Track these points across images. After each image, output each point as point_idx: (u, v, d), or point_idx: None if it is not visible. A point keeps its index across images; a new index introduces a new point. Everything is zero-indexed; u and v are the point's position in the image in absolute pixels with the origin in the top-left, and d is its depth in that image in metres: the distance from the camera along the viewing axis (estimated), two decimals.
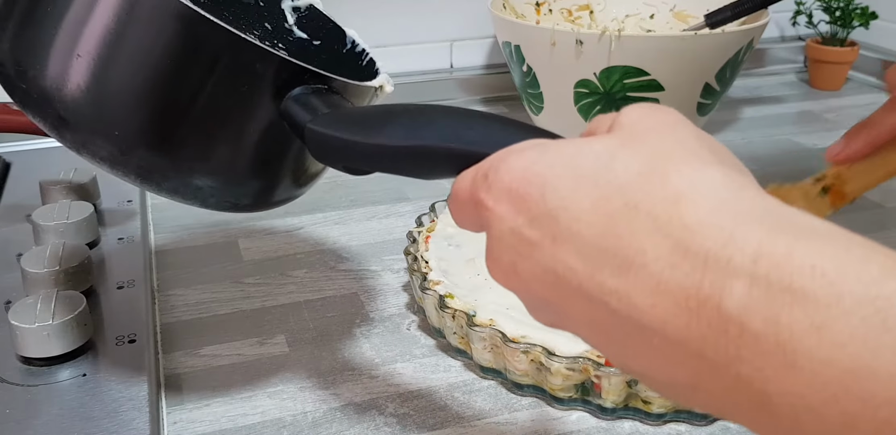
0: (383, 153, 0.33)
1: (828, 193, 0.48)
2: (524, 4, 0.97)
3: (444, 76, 1.03)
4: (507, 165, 0.27)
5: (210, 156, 0.37)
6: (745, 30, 0.81)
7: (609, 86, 0.81)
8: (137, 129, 0.36)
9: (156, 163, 0.37)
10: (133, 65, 0.35)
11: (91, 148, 0.37)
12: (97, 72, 0.35)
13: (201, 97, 0.35)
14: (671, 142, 0.26)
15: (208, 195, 0.39)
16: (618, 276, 0.24)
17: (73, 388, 0.47)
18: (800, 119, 0.99)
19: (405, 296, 0.61)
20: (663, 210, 0.23)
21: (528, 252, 0.26)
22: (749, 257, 0.21)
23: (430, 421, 0.48)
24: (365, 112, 0.37)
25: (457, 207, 0.30)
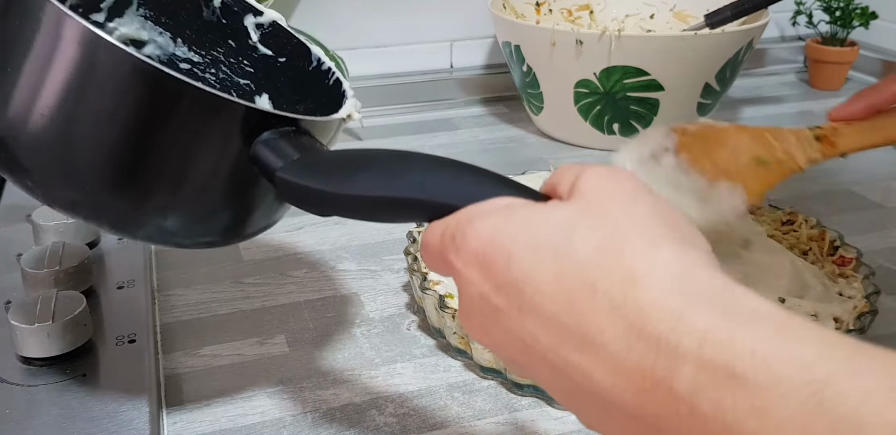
0: (354, 203, 0.34)
1: (820, 141, 0.51)
2: (524, 4, 0.97)
3: (444, 76, 1.03)
4: (473, 230, 0.29)
5: (183, 204, 0.38)
6: (745, 30, 0.81)
7: (609, 86, 0.81)
8: (107, 184, 0.36)
9: (128, 214, 0.37)
10: (95, 121, 0.35)
11: (63, 202, 0.37)
12: (60, 129, 0.35)
13: (168, 148, 0.36)
14: (628, 214, 0.27)
15: (183, 237, 0.39)
16: (580, 351, 0.25)
17: (73, 388, 0.47)
18: (800, 119, 0.99)
19: (405, 296, 0.61)
20: (619, 291, 0.25)
21: (497, 318, 0.28)
22: (696, 342, 0.23)
23: (430, 421, 0.48)
24: (336, 159, 0.36)
25: (428, 258, 0.32)
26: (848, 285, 0.55)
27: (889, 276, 0.62)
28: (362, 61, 0.99)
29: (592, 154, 0.87)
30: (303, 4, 0.95)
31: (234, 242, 0.42)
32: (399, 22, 1.00)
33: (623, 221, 0.27)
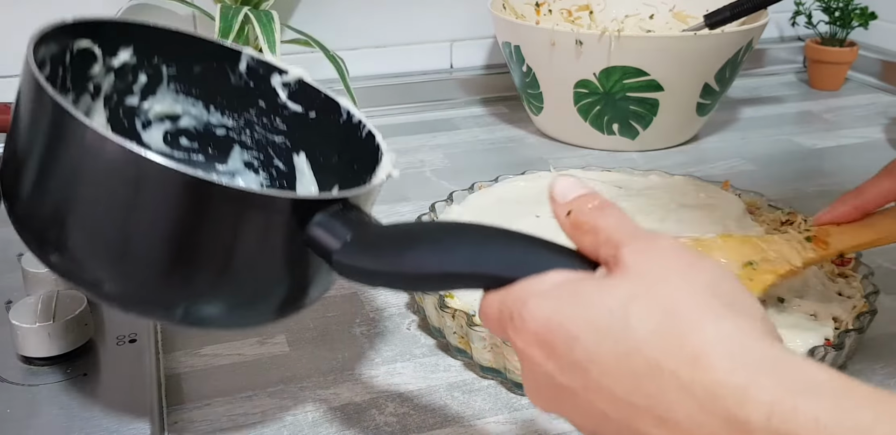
0: (411, 280, 0.35)
1: (811, 241, 0.51)
2: (524, 5, 0.97)
3: (444, 76, 1.03)
4: (529, 312, 0.30)
5: (248, 293, 0.39)
6: (745, 30, 0.81)
7: (609, 86, 0.81)
8: (178, 287, 0.37)
9: (205, 313, 0.39)
10: (153, 232, 0.36)
11: (140, 311, 0.39)
12: (120, 245, 0.36)
13: (229, 246, 0.36)
14: (681, 291, 0.28)
15: (248, 320, 0.41)
16: (657, 427, 0.27)
17: (73, 387, 0.47)
18: (799, 119, 0.99)
19: (405, 296, 0.61)
20: (685, 372, 0.26)
21: (565, 396, 0.29)
22: (763, 416, 0.24)
23: (429, 420, 0.48)
24: (388, 236, 0.37)
25: (489, 327, 0.33)
26: (847, 285, 0.55)
27: (888, 275, 0.62)
28: (362, 61, 0.99)
29: (592, 154, 0.87)
30: (303, 4, 0.96)
31: (294, 314, 0.43)
32: (399, 22, 1.00)
33: (677, 298, 0.28)
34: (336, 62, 0.85)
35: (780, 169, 0.84)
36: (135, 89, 0.49)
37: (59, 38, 0.44)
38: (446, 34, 1.03)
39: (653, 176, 0.70)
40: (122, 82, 0.49)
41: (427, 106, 1.01)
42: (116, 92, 0.49)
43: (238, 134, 0.52)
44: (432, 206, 0.64)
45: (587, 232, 0.32)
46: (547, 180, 0.68)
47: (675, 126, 0.87)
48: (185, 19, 0.92)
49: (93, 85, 0.47)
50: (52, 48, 0.44)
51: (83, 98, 0.47)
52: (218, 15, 0.77)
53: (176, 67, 0.50)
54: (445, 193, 0.66)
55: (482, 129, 0.95)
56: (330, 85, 1.01)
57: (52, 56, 0.44)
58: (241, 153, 0.52)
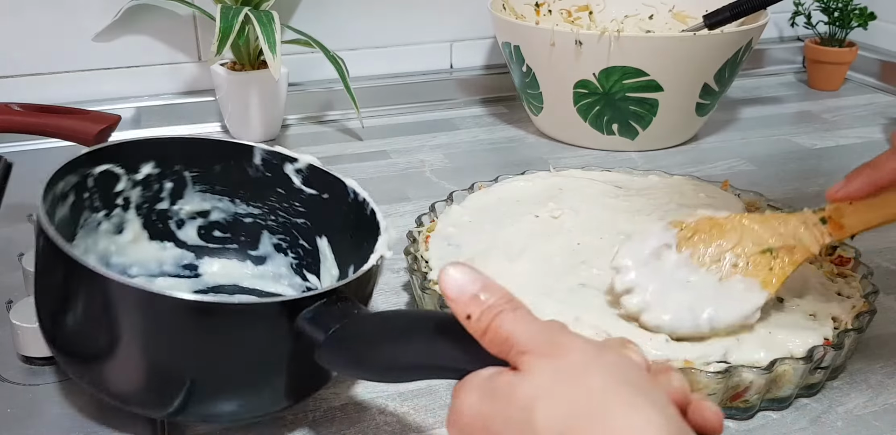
0: (384, 372, 0.39)
1: (826, 224, 0.50)
2: (524, 5, 0.97)
3: (444, 76, 1.03)
4: (456, 407, 0.33)
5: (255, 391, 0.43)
6: (744, 30, 0.81)
7: (608, 86, 0.82)
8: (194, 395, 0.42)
9: (216, 410, 0.43)
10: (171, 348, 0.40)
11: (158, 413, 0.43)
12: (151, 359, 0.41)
13: (235, 353, 0.41)
14: (582, 389, 0.30)
15: (263, 411, 0.45)
16: None
17: (74, 387, 0.47)
18: (798, 119, 0.99)
19: (405, 296, 0.61)
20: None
21: None
22: None
23: (429, 420, 0.48)
24: (373, 327, 0.40)
25: None
26: (846, 285, 0.55)
27: (887, 275, 0.62)
28: (362, 61, 0.99)
29: (592, 154, 0.87)
30: (303, 5, 0.96)
31: (309, 397, 0.47)
32: (399, 22, 1.01)
33: (581, 396, 0.29)
34: (336, 62, 0.85)
35: (780, 169, 0.84)
36: (163, 196, 0.54)
37: (74, 170, 0.48)
38: (446, 34, 1.03)
39: (652, 176, 0.70)
40: (150, 191, 0.54)
41: (427, 106, 1.01)
42: (146, 200, 0.54)
43: (264, 220, 0.56)
44: (432, 207, 0.64)
45: (493, 340, 0.33)
46: (547, 180, 0.69)
47: (675, 126, 0.87)
48: (185, 19, 0.92)
49: (122, 198, 0.52)
50: (71, 180, 0.48)
51: (115, 212, 0.53)
52: (218, 15, 0.77)
53: (197, 170, 0.54)
54: (445, 193, 0.66)
55: (482, 129, 0.95)
56: (330, 85, 1.02)
57: (73, 185, 0.49)
58: (270, 238, 0.57)
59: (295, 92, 0.94)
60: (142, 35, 0.91)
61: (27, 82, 0.88)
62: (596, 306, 0.51)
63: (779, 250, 0.50)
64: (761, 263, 0.50)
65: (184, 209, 0.56)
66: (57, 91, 0.89)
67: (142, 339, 0.40)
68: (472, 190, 0.67)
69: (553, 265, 0.56)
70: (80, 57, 0.90)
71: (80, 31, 0.89)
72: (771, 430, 0.48)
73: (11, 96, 0.83)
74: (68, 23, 0.88)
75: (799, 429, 0.48)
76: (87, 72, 0.91)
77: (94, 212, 0.51)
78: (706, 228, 0.51)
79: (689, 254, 0.50)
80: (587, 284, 0.54)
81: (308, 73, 0.98)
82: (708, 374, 0.45)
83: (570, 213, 0.62)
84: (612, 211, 0.63)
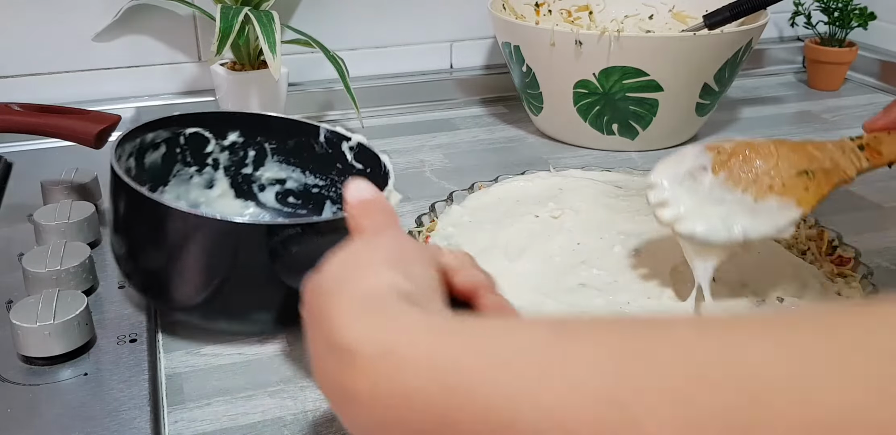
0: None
1: (864, 150, 0.50)
2: (524, 5, 0.97)
3: (444, 76, 1.03)
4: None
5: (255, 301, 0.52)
6: (744, 30, 0.81)
7: (608, 86, 0.82)
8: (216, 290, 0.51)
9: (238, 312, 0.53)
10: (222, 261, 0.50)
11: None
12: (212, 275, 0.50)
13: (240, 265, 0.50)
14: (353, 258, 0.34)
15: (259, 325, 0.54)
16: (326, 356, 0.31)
17: (74, 387, 0.47)
18: (798, 119, 0.99)
19: None
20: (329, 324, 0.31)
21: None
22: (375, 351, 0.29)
23: None
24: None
25: None
26: (846, 285, 0.55)
27: (887, 275, 0.62)
28: (362, 61, 0.99)
29: (592, 154, 0.87)
30: (303, 5, 0.96)
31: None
32: (399, 22, 1.01)
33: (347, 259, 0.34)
34: (336, 62, 0.85)
35: None
36: (247, 162, 0.65)
37: (165, 126, 0.60)
38: (446, 34, 1.03)
39: None
40: (236, 156, 0.65)
41: (427, 106, 1.01)
42: (233, 164, 0.65)
43: (328, 191, 0.65)
44: (432, 206, 0.64)
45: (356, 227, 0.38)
46: (547, 180, 0.69)
47: (675, 126, 0.87)
48: (185, 19, 0.92)
49: (212, 159, 0.64)
50: (162, 134, 0.60)
51: (206, 170, 0.64)
52: (218, 15, 0.77)
53: (275, 143, 0.65)
54: (445, 193, 0.66)
55: (482, 129, 0.95)
56: (330, 85, 1.02)
57: (165, 139, 0.60)
58: (331, 207, 0.65)
59: (295, 92, 0.94)
60: (142, 35, 0.91)
61: (27, 82, 0.88)
62: (596, 306, 0.52)
63: (815, 172, 0.50)
64: (797, 184, 0.50)
65: (265, 175, 0.66)
66: (57, 91, 0.89)
67: (196, 252, 0.49)
68: (472, 190, 0.67)
69: (553, 265, 0.56)
70: (80, 57, 0.90)
71: (80, 31, 0.89)
72: None
73: (11, 96, 0.83)
74: (68, 23, 0.88)
75: None
76: (87, 72, 0.91)
77: (187, 166, 0.63)
78: (743, 152, 0.51)
79: (724, 176, 0.50)
80: (587, 284, 0.54)
81: (308, 73, 0.98)
82: None
83: (570, 213, 0.62)
84: (612, 211, 0.63)
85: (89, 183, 0.67)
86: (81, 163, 0.69)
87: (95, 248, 0.61)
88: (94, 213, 0.61)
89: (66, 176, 0.66)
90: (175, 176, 0.63)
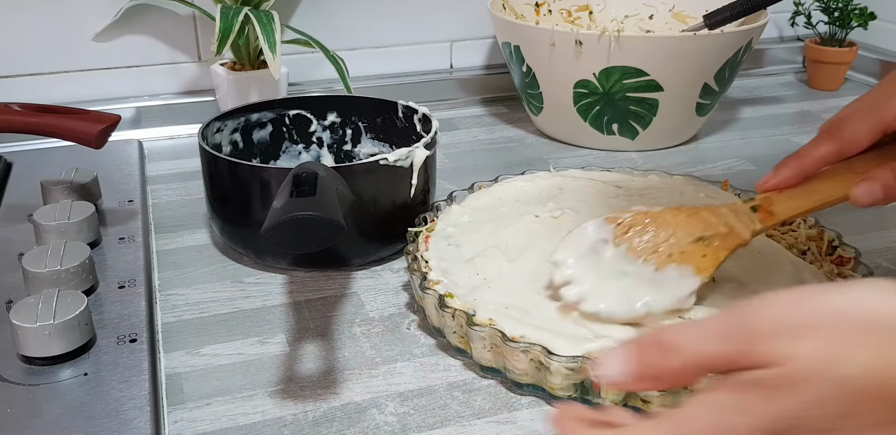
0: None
1: (757, 212, 0.51)
2: (524, 5, 0.97)
3: (444, 76, 1.03)
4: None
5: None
6: (744, 30, 0.81)
7: (608, 86, 0.81)
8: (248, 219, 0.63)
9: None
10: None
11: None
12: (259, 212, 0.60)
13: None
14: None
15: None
16: None
17: (74, 387, 0.47)
18: (798, 119, 0.99)
19: (405, 295, 0.61)
20: None
21: None
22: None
23: (429, 420, 0.48)
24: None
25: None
26: None
27: (887, 275, 0.62)
28: (362, 61, 0.99)
29: (592, 154, 0.87)
30: (303, 5, 0.96)
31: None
32: (399, 22, 1.01)
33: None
34: (336, 62, 0.85)
35: None
36: (346, 139, 0.76)
37: (268, 108, 0.72)
38: (446, 34, 1.03)
39: (652, 176, 0.70)
40: (336, 135, 0.76)
41: (427, 106, 1.00)
42: (335, 142, 0.76)
43: None
44: (432, 206, 0.64)
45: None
46: (547, 180, 0.69)
47: (675, 126, 0.87)
48: (185, 19, 0.92)
49: (316, 138, 0.75)
50: (267, 115, 0.73)
51: (312, 147, 0.76)
52: (218, 15, 0.77)
53: (367, 121, 0.75)
54: (445, 193, 0.66)
55: (482, 129, 0.95)
56: (330, 85, 1.02)
57: (270, 119, 0.73)
58: None
59: (295, 92, 0.94)
60: (142, 35, 0.91)
61: (27, 82, 0.88)
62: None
63: (711, 238, 0.51)
64: (695, 251, 0.51)
65: (362, 151, 0.76)
66: (57, 91, 0.89)
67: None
68: (472, 190, 0.67)
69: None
70: (80, 57, 0.90)
71: (80, 31, 0.89)
72: None
73: (11, 96, 0.83)
74: (68, 23, 0.88)
75: None
76: (87, 72, 0.91)
77: (294, 143, 0.75)
78: (641, 222, 0.52)
79: (625, 248, 0.52)
80: None
81: (308, 73, 0.98)
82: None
83: (570, 213, 0.62)
84: (612, 211, 0.63)
85: (89, 183, 0.67)
86: (81, 163, 0.69)
87: (95, 248, 0.61)
88: (93, 213, 0.61)
89: (66, 176, 0.66)
90: (285, 152, 0.75)
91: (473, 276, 0.55)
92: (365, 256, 0.64)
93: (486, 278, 0.55)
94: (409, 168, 0.62)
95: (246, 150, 0.72)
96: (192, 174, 0.79)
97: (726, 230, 0.51)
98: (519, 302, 0.52)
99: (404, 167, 0.61)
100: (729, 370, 0.29)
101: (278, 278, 0.63)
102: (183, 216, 0.73)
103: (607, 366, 0.32)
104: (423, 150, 0.62)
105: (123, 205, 0.69)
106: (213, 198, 0.65)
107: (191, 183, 0.79)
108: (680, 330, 0.31)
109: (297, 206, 0.45)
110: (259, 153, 0.73)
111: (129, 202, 0.69)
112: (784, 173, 0.49)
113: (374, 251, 0.64)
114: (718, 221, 0.51)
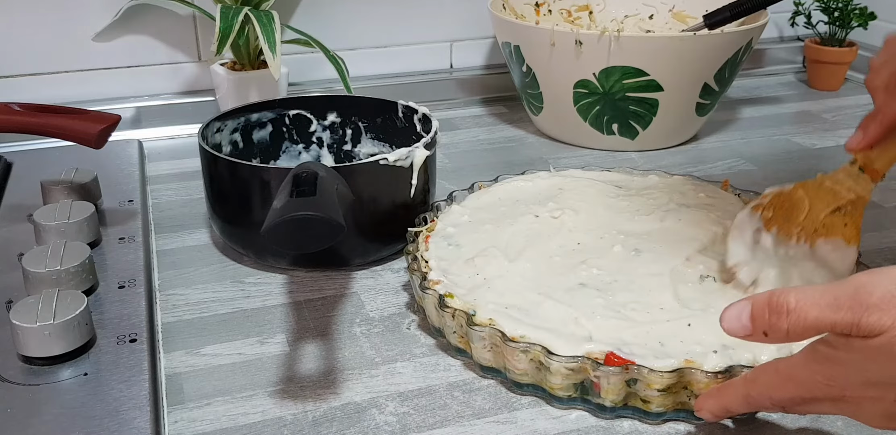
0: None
1: (864, 172, 0.53)
2: (524, 5, 0.97)
3: (444, 76, 1.03)
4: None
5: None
6: (744, 30, 0.81)
7: (608, 86, 0.81)
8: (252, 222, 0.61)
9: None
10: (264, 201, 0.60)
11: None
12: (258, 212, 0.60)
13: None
14: None
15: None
16: None
17: (74, 387, 0.47)
18: (798, 119, 0.99)
19: (405, 295, 0.61)
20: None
21: None
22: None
23: (429, 420, 0.48)
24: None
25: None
26: None
27: None
28: (362, 61, 0.99)
29: (592, 154, 0.87)
30: (303, 4, 0.96)
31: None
32: (399, 22, 1.01)
33: None
34: (336, 62, 0.85)
35: (780, 169, 0.84)
36: (346, 139, 0.76)
37: (268, 108, 0.72)
38: (446, 34, 1.03)
39: (652, 176, 0.70)
40: (336, 135, 0.76)
41: (427, 106, 1.01)
42: (335, 142, 0.76)
43: None
44: (432, 206, 0.64)
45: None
46: (547, 180, 0.69)
47: (675, 126, 0.87)
48: (185, 19, 0.92)
49: (316, 138, 0.76)
50: (267, 114, 0.73)
51: (312, 147, 0.76)
52: (218, 15, 0.77)
53: (367, 121, 0.75)
54: (445, 193, 0.66)
55: (482, 129, 0.95)
56: (330, 85, 1.02)
57: (270, 119, 0.73)
58: None
59: (295, 92, 0.94)
60: (142, 35, 0.91)
61: (27, 82, 0.88)
62: (596, 306, 0.51)
63: (845, 206, 0.53)
64: (836, 222, 0.52)
65: (362, 151, 0.76)
66: (57, 91, 0.89)
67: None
68: (472, 190, 0.67)
69: (553, 265, 0.56)
70: (80, 57, 0.90)
71: (80, 31, 0.89)
72: (771, 430, 0.48)
73: (11, 96, 0.83)
74: (68, 23, 0.88)
75: (798, 429, 0.48)
76: (87, 72, 0.91)
77: (294, 143, 0.75)
78: (780, 204, 0.55)
79: (776, 231, 0.54)
80: (587, 283, 0.54)
81: (308, 73, 0.98)
82: (707, 374, 0.45)
83: (570, 213, 0.62)
84: (612, 211, 0.63)
85: (89, 183, 0.67)
86: (81, 163, 0.69)
87: (95, 248, 0.61)
88: (93, 213, 0.61)
89: (65, 176, 0.66)
90: (284, 152, 0.75)
91: (473, 276, 0.55)
92: (365, 256, 0.64)
93: (486, 278, 0.55)
94: (409, 168, 0.61)
95: (246, 150, 0.72)
96: (192, 174, 0.79)
97: (854, 196, 0.52)
98: (519, 302, 0.52)
99: (404, 167, 0.61)
100: (834, 334, 0.35)
101: (278, 278, 0.63)
102: (183, 216, 0.73)
103: (728, 318, 0.37)
104: (423, 150, 0.62)
105: (123, 205, 0.69)
106: (213, 198, 0.64)
107: (191, 183, 0.79)
108: (795, 294, 0.35)
109: (297, 206, 0.45)
110: (259, 153, 0.73)
111: (129, 202, 0.69)
112: (872, 131, 0.52)
113: (374, 251, 0.64)
114: (843, 188, 0.53)
